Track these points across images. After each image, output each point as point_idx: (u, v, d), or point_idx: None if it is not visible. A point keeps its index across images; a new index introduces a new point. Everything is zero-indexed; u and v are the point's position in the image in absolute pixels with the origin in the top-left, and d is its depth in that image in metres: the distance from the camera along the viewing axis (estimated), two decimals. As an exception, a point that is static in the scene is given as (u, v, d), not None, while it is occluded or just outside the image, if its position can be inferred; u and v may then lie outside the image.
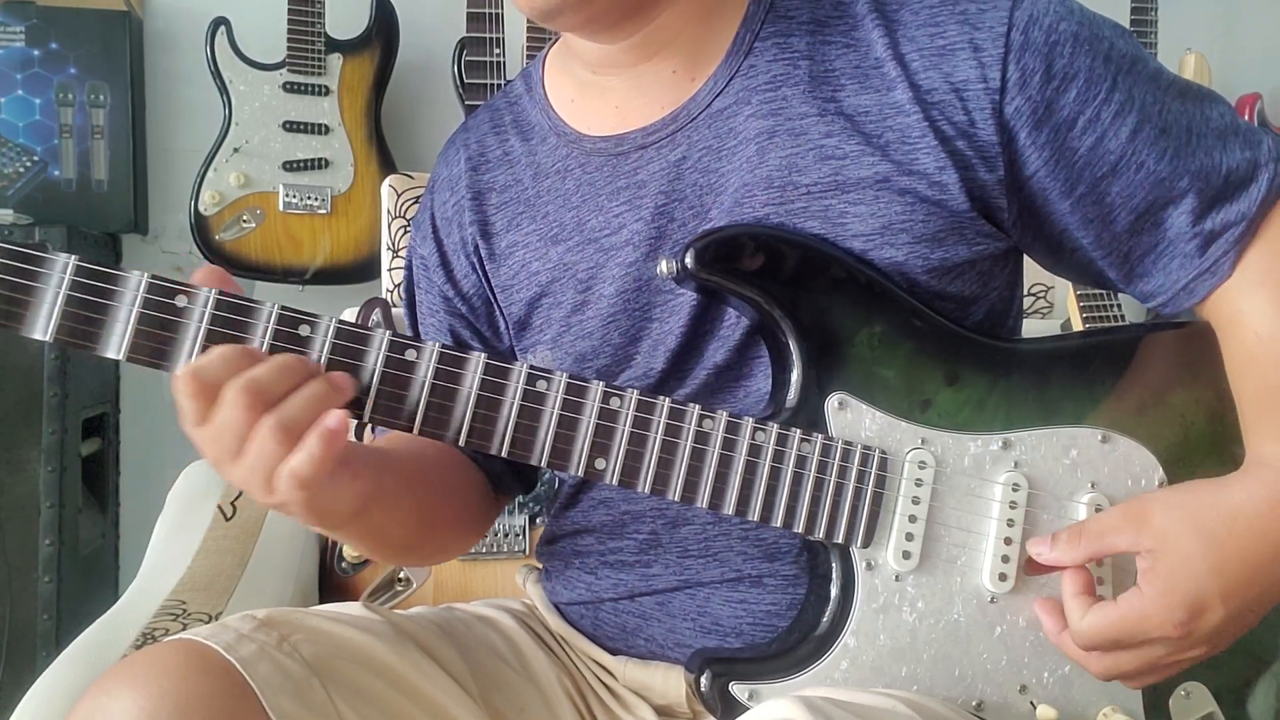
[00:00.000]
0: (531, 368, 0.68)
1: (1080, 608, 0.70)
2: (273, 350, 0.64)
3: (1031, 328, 1.14)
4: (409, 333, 0.94)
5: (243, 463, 0.61)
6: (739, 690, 0.71)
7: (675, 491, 0.69)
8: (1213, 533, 0.67)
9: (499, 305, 0.88)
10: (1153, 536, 0.68)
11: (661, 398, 0.70)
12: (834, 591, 0.72)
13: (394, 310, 1.43)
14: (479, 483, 0.90)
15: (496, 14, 1.81)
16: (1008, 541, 0.73)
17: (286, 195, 2.01)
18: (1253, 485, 0.70)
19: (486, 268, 0.88)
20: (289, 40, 2.02)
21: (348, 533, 0.74)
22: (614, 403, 0.69)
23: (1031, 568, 0.73)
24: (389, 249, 1.55)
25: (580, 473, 0.68)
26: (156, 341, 0.63)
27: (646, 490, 0.69)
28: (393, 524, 0.77)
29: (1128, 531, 0.69)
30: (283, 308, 0.65)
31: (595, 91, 0.83)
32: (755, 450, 0.70)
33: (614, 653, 0.85)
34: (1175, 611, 0.67)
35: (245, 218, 2.00)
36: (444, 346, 0.67)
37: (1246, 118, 2.23)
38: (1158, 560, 0.68)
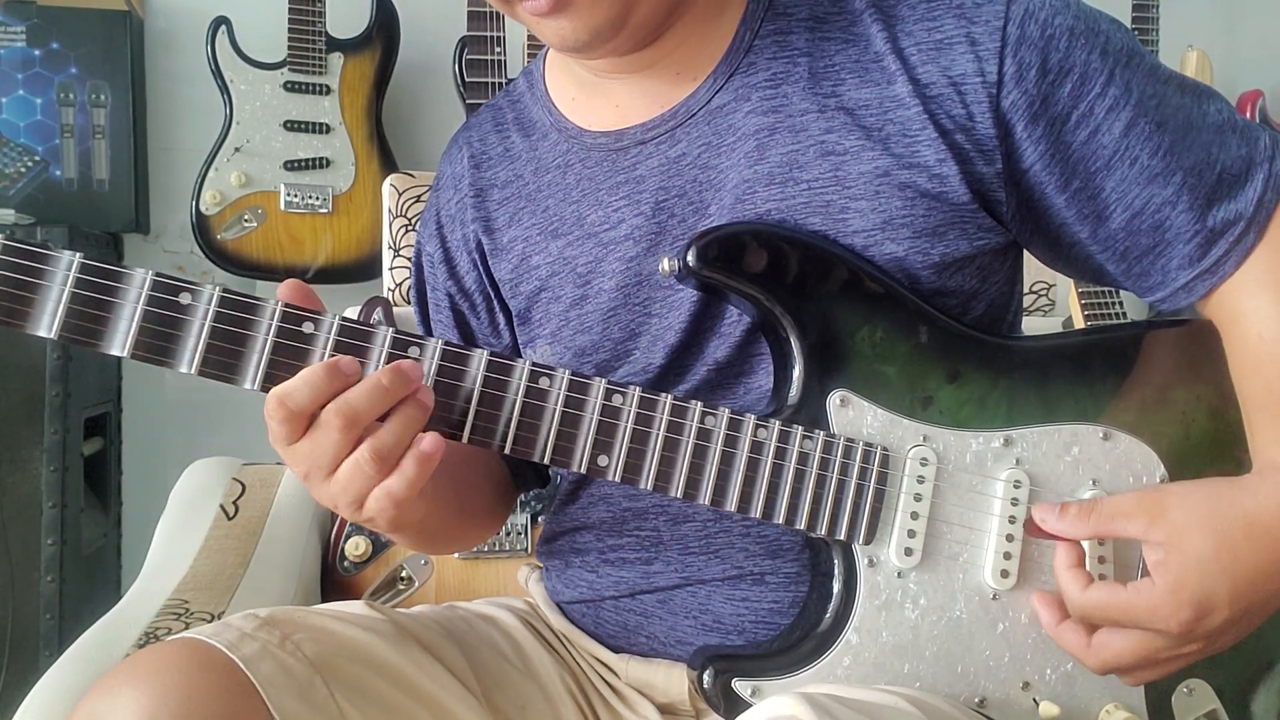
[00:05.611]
0: (534, 365, 0.68)
1: (1077, 580, 0.70)
2: (276, 348, 0.64)
3: (1033, 325, 1.14)
4: (420, 329, 0.94)
5: (334, 482, 0.63)
6: (742, 687, 0.71)
7: (677, 488, 0.69)
8: (1227, 534, 0.67)
9: (502, 300, 0.89)
10: (1166, 530, 0.68)
11: (664, 395, 0.70)
12: (836, 588, 0.72)
13: (395, 309, 1.43)
14: (504, 473, 0.92)
15: (497, 12, 1.80)
16: (1009, 538, 0.73)
17: (288, 194, 2.01)
18: (1266, 489, 0.70)
19: (490, 263, 0.88)
20: (290, 39, 2.02)
21: (404, 534, 0.76)
22: (616, 400, 0.69)
23: (1033, 530, 0.73)
24: (390, 248, 1.55)
25: (583, 469, 0.69)
26: (161, 339, 0.63)
27: (649, 487, 0.69)
28: (442, 520, 0.81)
29: (1140, 519, 0.69)
30: (286, 305, 0.65)
31: (597, 90, 0.83)
32: (757, 447, 0.70)
33: (616, 650, 0.85)
34: (1183, 609, 0.67)
35: (246, 217, 2.00)
36: (447, 344, 0.67)
37: (1248, 114, 2.23)
38: (1170, 555, 0.68)
